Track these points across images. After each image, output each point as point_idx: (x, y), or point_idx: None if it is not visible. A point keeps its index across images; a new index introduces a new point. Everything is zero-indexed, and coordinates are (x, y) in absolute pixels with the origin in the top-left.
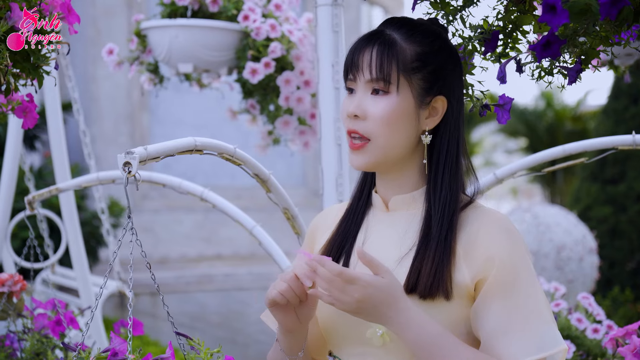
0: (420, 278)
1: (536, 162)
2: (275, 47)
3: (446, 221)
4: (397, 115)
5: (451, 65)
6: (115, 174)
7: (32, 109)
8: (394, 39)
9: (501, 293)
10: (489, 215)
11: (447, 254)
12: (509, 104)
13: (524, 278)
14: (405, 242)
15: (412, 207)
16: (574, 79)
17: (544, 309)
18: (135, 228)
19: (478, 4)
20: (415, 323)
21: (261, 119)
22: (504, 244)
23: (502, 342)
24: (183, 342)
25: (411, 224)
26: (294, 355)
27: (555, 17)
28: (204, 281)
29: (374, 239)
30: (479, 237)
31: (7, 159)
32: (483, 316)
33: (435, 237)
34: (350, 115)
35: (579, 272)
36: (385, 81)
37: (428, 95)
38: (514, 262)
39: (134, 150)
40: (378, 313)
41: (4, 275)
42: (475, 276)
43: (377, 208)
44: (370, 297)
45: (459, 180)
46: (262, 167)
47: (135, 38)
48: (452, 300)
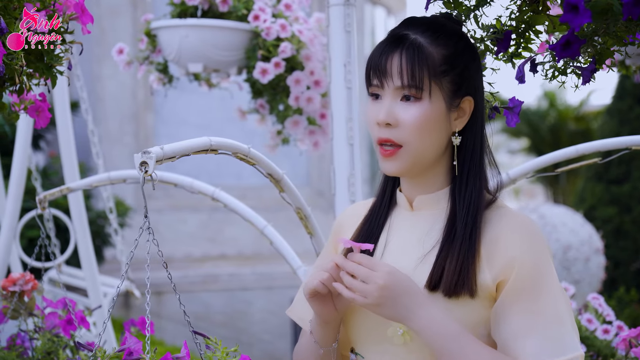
0: (445, 275)
1: (549, 162)
2: (285, 47)
3: (471, 219)
4: (430, 120)
5: (474, 64)
6: (127, 174)
7: (44, 108)
8: (420, 43)
9: (522, 296)
10: (513, 217)
11: (472, 251)
12: (518, 107)
13: (546, 282)
14: (429, 240)
15: (436, 207)
16: (588, 78)
17: (564, 313)
18: (151, 227)
19: (491, 4)
20: (436, 320)
21: (270, 119)
22: (526, 247)
23: (520, 344)
24: (200, 341)
25: (435, 223)
26: (328, 347)
27: (577, 16)
28: (208, 281)
29: (397, 238)
30: (501, 239)
31: (16, 158)
32: (503, 318)
33: (459, 235)
34: (381, 124)
35: (585, 273)
36: (418, 88)
37: (457, 97)
38: (536, 265)
39: (151, 150)
40: (400, 305)
41: (15, 274)
42: (496, 278)
43: (402, 207)
44: (393, 284)
45: (483, 178)
46: (275, 166)
47: (145, 38)
48: (476, 299)
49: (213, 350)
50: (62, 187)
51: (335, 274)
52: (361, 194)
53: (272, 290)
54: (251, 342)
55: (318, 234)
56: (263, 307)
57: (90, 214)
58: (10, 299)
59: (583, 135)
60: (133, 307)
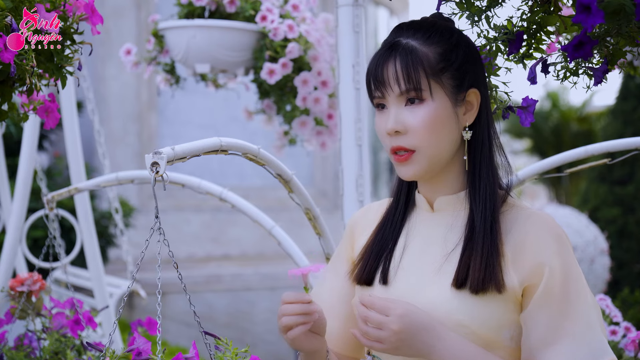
0: (471, 272)
1: (558, 163)
2: (292, 47)
3: (489, 215)
4: (438, 120)
5: (473, 56)
6: (135, 174)
7: (53, 109)
8: (412, 46)
9: (552, 302)
10: (538, 218)
11: (495, 245)
12: (532, 107)
13: (575, 287)
14: (451, 238)
15: (457, 207)
16: (600, 79)
17: (594, 318)
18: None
19: (503, 5)
20: (456, 347)
21: (277, 120)
22: (555, 251)
23: (550, 351)
24: (210, 341)
25: (455, 222)
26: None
27: (590, 17)
28: (211, 281)
29: (417, 239)
30: (527, 241)
31: (23, 159)
32: (533, 325)
33: (480, 230)
34: (390, 133)
35: (590, 274)
36: (417, 89)
37: (461, 92)
38: (565, 270)
39: (162, 151)
40: (419, 343)
41: (23, 274)
42: (524, 282)
43: (421, 208)
44: (408, 327)
45: (495, 172)
46: (285, 167)
47: (153, 38)
48: (503, 296)
49: (223, 351)
50: (70, 188)
51: (305, 310)
52: (369, 195)
53: (276, 290)
54: (255, 342)
55: (327, 234)
56: (266, 307)
57: (95, 214)
58: (18, 299)
59: (586, 136)
60: (137, 307)
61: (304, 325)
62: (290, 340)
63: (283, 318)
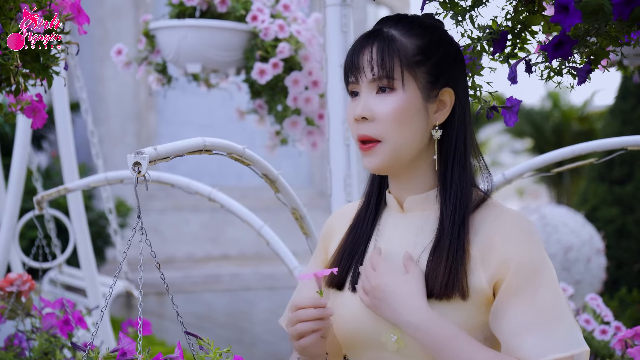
0: (435, 279)
1: (545, 162)
2: (283, 47)
3: (458, 218)
4: (406, 111)
5: (453, 56)
6: (124, 174)
7: (41, 108)
8: (392, 35)
9: (520, 292)
10: (506, 215)
11: (461, 251)
12: (516, 107)
13: (543, 278)
14: (420, 242)
15: (427, 207)
16: (583, 79)
17: (565, 310)
18: (144, 228)
19: (487, 4)
20: (428, 324)
21: (269, 119)
22: (523, 247)
23: (521, 341)
24: (192, 341)
25: (425, 224)
26: None
27: (568, 17)
28: (210, 281)
29: (387, 240)
30: (495, 239)
31: (16, 159)
32: (503, 318)
33: (447, 236)
34: (357, 118)
35: (586, 273)
36: (389, 78)
37: (434, 89)
38: (532, 261)
39: (144, 151)
40: (386, 306)
41: (12, 274)
42: (492, 278)
43: (392, 209)
44: (384, 286)
45: (469, 175)
46: (270, 167)
47: (144, 38)
48: (469, 302)
49: (206, 351)
50: (60, 188)
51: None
52: (357, 195)
53: (275, 290)
54: (254, 342)
55: (314, 234)
56: (265, 307)
57: (92, 214)
58: (8, 300)
59: (587, 135)
60: (134, 307)
61: (319, 332)
62: (301, 348)
63: (298, 325)
